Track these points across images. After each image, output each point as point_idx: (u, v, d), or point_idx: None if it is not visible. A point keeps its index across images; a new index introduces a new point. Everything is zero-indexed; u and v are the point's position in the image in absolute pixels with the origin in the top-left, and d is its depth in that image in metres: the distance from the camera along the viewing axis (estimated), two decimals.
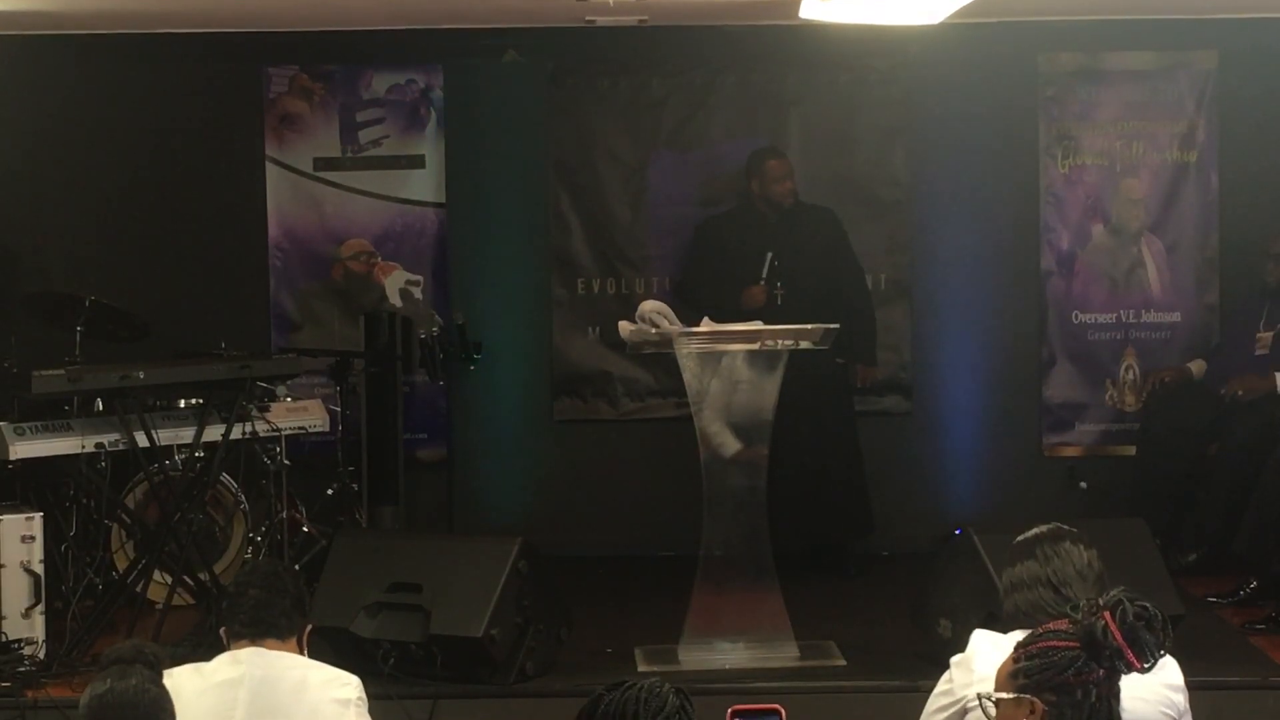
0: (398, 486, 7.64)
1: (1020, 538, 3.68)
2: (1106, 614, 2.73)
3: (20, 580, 6.10)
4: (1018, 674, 2.79)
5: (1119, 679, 2.76)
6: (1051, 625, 2.84)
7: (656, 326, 6.15)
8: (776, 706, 3.21)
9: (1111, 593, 2.78)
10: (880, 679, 5.84)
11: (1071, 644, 2.75)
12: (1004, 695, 2.81)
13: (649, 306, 6.23)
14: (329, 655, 5.01)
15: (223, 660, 4.00)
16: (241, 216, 8.26)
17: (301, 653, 4.07)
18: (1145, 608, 2.74)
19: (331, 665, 4.14)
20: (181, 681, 3.83)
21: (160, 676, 3.27)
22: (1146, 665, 2.73)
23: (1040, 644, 2.79)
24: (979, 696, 2.89)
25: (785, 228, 7.60)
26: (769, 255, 7.43)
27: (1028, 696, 2.76)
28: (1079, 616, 2.77)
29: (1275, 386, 7.19)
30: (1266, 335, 7.42)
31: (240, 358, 6.78)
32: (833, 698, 5.75)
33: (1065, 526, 3.68)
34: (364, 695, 4.03)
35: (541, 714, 5.77)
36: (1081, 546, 3.60)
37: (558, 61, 8.26)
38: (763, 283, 7.43)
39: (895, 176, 8.29)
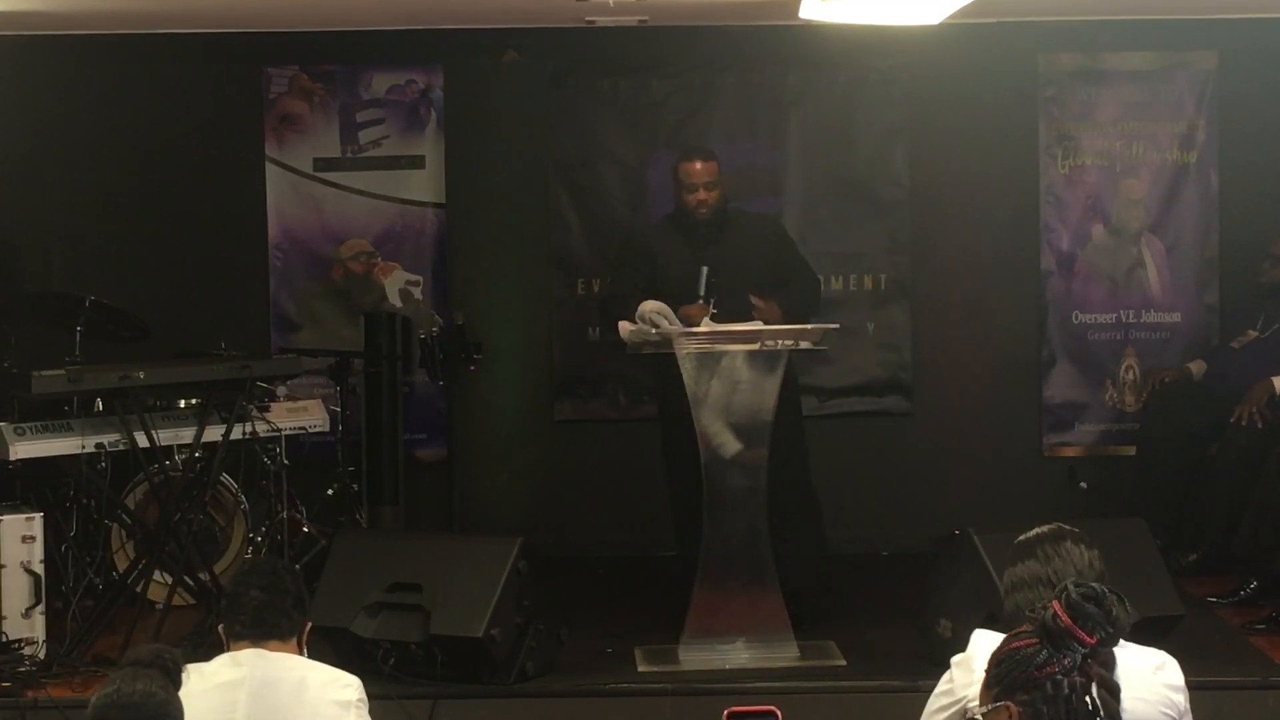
0: (398, 486, 7.64)
1: (1022, 537, 3.68)
2: (1055, 602, 2.75)
3: (20, 580, 6.10)
4: (991, 683, 2.81)
5: (1095, 666, 2.75)
6: (1015, 630, 2.85)
7: (656, 326, 6.15)
8: (773, 708, 3.21)
9: (1061, 583, 2.81)
10: (880, 679, 5.84)
11: (1032, 641, 2.76)
12: (984, 709, 2.82)
13: (649, 306, 6.22)
14: (329, 655, 5.02)
15: (223, 661, 4.00)
16: (241, 216, 8.26)
17: (301, 652, 4.07)
18: (1093, 588, 2.76)
19: (332, 665, 4.14)
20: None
21: (178, 682, 3.26)
22: (1098, 639, 2.73)
23: (1005, 649, 2.81)
24: (964, 714, 2.90)
25: (719, 239, 6.67)
26: (704, 270, 6.44)
27: (1003, 703, 2.77)
28: (1034, 615, 2.79)
29: (1274, 389, 7.19)
30: (1252, 335, 7.47)
31: (240, 358, 6.78)
32: (833, 698, 5.76)
33: (1067, 526, 3.69)
34: (364, 696, 4.04)
35: (541, 714, 5.78)
36: (1083, 546, 3.61)
37: (558, 62, 8.25)
38: (700, 300, 6.43)
39: (895, 176, 8.29)
